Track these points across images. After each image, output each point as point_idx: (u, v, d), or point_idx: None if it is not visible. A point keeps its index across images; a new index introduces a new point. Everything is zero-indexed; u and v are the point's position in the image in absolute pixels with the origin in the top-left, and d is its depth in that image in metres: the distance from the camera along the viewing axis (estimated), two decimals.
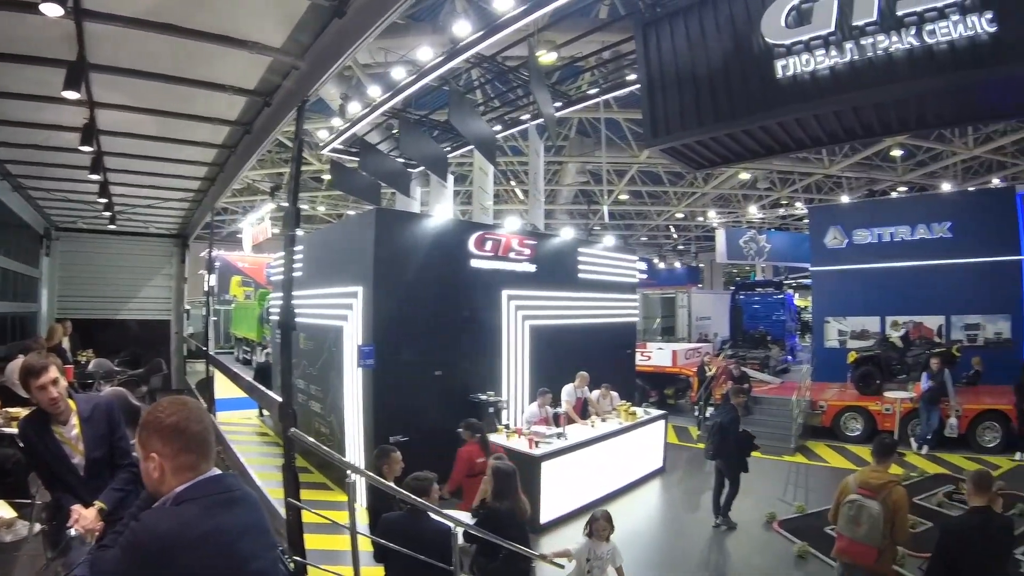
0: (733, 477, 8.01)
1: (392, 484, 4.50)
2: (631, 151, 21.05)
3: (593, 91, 11.70)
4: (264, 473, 6.13)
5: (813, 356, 17.57)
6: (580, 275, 11.81)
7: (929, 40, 5.71)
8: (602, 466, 8.89)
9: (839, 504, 4.76)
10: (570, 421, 9.46)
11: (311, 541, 5.12)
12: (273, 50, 4.91)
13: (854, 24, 6.08)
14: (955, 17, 5.58)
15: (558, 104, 11.45)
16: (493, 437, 8.18)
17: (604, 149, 17.60)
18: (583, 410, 9.89)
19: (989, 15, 5.43)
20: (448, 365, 9.12)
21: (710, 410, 13.11)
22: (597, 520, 5.01)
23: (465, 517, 4.76)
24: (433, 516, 4.13)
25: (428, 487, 4.32)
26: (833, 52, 6.21)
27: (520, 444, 8.02)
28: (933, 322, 15.23)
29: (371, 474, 4.76)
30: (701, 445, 11.13)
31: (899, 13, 5.84)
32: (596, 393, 10.14)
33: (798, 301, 29.04)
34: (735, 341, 23.20)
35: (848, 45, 6.12)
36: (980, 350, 14.20)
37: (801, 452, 11.89)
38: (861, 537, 4.53)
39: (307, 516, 4.74)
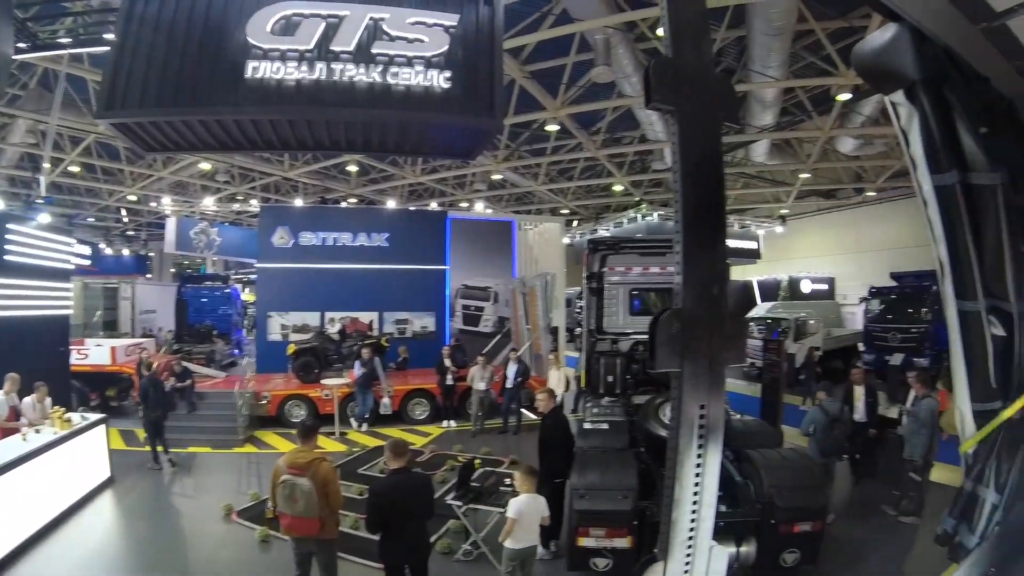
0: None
1: None
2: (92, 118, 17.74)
3: (67, 40, 9.55)
4: None
5: (257, 349, 18.20)
6: (8, 257, 9.59)
7: (391, 80, 6.67)
8: (44, 486, 7.58)
9: (275, 486, 5.09)
10: (7, 435, 7.72)
11: None
12: None
13: (332, 48, 6.64)
14: (419, 67, 6.69)
15: (22, 45, 8.98)
16: None
17: (58, 108, 14.45)
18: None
19: (448, 74, 6.71)
20: None
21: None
22: None
23: None
24: None
25: None
26: (304, 68, 6.58)
27: None
28: (368, 317, 17.70)
29: None
30: (148, 448, 10.60)
31: (373, 51, 6.68)
32: (29, 400, 8.47)
33: (245, 296, 29.67)
34: (180, 335, 22.54)
35: (320, 65, 6.59)
36: (409, 341, 17.31)
37: (251, 442, 12.27)
38: (300, 512, 4.98)
39: None
